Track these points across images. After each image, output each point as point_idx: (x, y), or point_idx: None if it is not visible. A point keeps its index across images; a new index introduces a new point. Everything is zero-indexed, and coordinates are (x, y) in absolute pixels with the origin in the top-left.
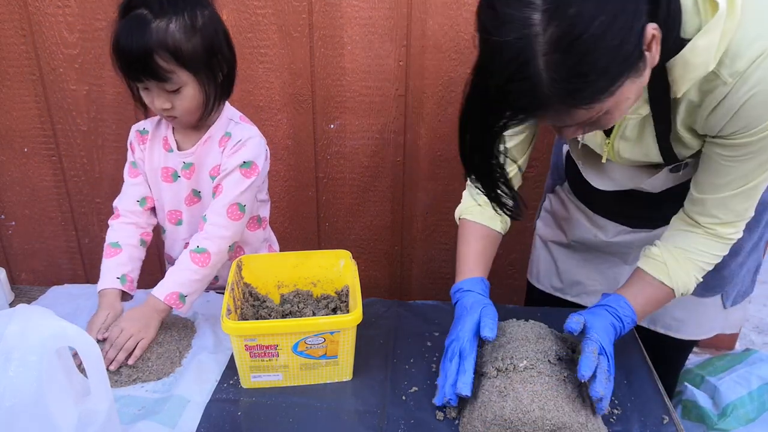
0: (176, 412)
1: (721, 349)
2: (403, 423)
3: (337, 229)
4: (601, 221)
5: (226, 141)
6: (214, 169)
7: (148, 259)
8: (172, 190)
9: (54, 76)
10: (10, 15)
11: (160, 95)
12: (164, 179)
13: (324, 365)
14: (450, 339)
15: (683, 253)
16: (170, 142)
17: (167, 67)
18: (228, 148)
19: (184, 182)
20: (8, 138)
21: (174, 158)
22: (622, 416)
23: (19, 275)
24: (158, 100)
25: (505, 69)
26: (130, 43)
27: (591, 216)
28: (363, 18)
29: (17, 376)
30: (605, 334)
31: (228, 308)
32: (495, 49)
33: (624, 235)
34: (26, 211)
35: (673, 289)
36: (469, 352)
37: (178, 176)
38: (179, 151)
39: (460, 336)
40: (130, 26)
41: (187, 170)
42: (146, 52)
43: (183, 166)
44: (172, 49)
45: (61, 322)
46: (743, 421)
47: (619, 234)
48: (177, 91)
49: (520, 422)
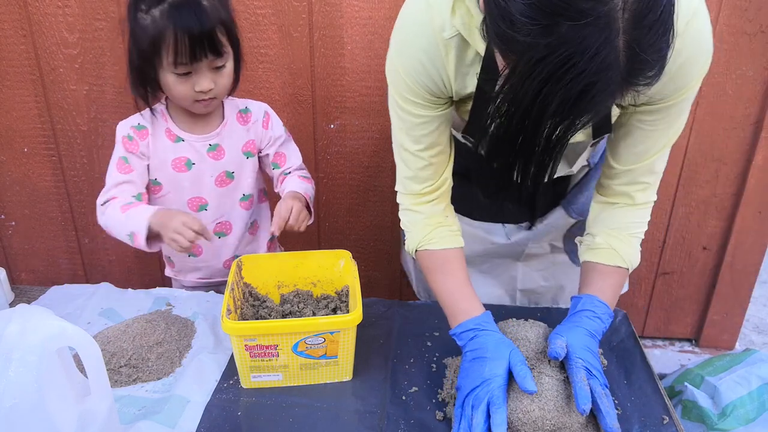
0: (176, 412)
1: (721, 349)
2: (403, 423)
3: (337, 229)
4: (486, 226)
5: (248, 116)
6: (247, 144)
7: (148, 258)
8: (190, 179)
9: (54, 76)
10: (10, 15)
11: (206, 76)
12: (177, 169)
13: (324, 365)
14: (469, 384)
15: (622, 232)
16: (176, 132)
17: (222, 41)
18: (258, 122)
19: (208, 166)
20: (8, 138)
21: (185, 147)
22: (622, 416)
23: (19, 275)
24: (205, 81)
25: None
26: (193, 22)
27: (475, 224)
28: (363, 18)
29: (17, 376)
30: (586, 351)
31: (228, 308)
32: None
33: (516, 234)
34: (26, 211)
35: (627, 268)
36: (502, 402)
37: (192, 164)
38: (197, 136)
39: (489, 381)
40: (186, 8)
41: (214, 151)
42: (211, 27)
43: (208, 148)
44: (225, 22)
45: (61, 322)
46: (743, 421)
47: (513, 234)
48: (220, 68)
49: (520, 422)
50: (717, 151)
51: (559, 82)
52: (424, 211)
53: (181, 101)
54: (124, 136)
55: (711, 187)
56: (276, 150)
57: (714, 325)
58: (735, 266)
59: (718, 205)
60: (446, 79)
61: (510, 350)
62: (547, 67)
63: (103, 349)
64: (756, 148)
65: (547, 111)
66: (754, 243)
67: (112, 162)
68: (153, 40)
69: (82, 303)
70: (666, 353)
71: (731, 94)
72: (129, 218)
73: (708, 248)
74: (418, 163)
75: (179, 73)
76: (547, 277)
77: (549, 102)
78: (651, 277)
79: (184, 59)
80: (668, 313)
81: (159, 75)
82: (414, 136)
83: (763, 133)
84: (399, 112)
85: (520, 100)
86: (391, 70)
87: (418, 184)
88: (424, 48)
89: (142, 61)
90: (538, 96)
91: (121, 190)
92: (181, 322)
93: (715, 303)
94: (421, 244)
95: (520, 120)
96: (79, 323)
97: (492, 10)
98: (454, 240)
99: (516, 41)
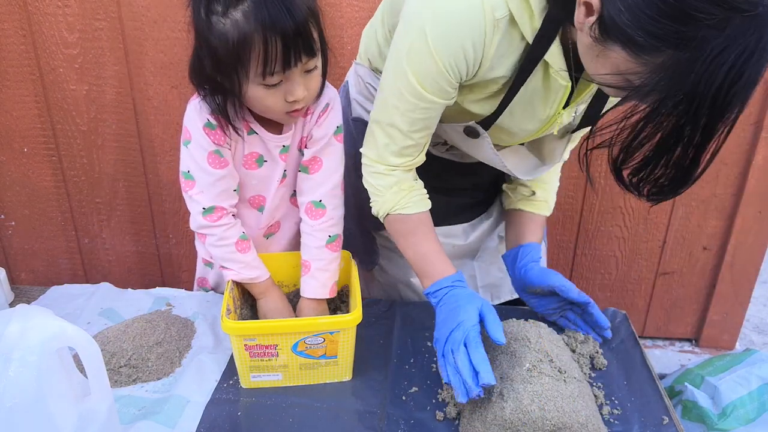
0: (176, 412)
1: (722, 349)
2: (403, 423)
3: None
4: (445, 230)
5: (310, 108)
6: (301, 141)
7: (148, 258)
8: (257, 177)
9: (54, 76)
10: (10, 15)
11: (298, 83)
12: (248, 167)
13: (324, 365)
14: (445, 332)
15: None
16: (250, 122)
17: (315, 37)
18: (315, 113)
19: (277, 166)
20: (8, 138)
21: (257, 141)
22: (622, 416)
23: (19, 275)
24: (298, 90)
25: (764, 47)
26: (284, 19)
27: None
28: (363, 18)
29: (17, 376)
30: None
31: (228, 308)
32: (745, 28)
33: (473, 233)
34: (26, 211)
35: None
36: (478, 341)
37: (264, 161)
38: (271, 135)
39: (463, 322)
40: (272, 2)
41: (286, 153)
42: (303, 20)
43: (282, 150)
44: (315, 15)
45: (61, 322)
46: (743, 421)
47: (467, 234)
48: (311, 71)
49: (520, 422)
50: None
51: (741, 69)
52: (396, 176)
53: (270, 115)
54: (204, 125)
55: (711, 187)
56: (319, 151)
57: (714, 325)
58: (735, 266)
59: (719, 205)
60: (479, 63)
61: (482, 301)
62: (730, 58)
63: (103, 349)
64: (756, 148)
65: (728, 101)
66: (754, 243)
67: (198, 154)
68: (236, 49)
69: (82, 303)
70: (666, 353)
71: None
72: (238, 262)
73: (708, 248)
74: (405, 141)
75: (269, 84)
76: (501, 267)
77: (732, 91)
78: (651, 277)
79: (276, 68)
80: (668, 313)
81: (242, 88)
82: (411, 118)
83: (763, 133)
84: (406, 94)
85: (702, 93)
86: (419, 50)
87: (398, 158)
88: (469, 30)
89: (221, 74)
90: (721, 86)
91: (221, 190)
92: (181, 322)
93: (715, 303)
94: (395, 208)
95: (692, 115)
96: (79, 323)
97: (640, 4)
98: (424, 203)
99: (680, 36)
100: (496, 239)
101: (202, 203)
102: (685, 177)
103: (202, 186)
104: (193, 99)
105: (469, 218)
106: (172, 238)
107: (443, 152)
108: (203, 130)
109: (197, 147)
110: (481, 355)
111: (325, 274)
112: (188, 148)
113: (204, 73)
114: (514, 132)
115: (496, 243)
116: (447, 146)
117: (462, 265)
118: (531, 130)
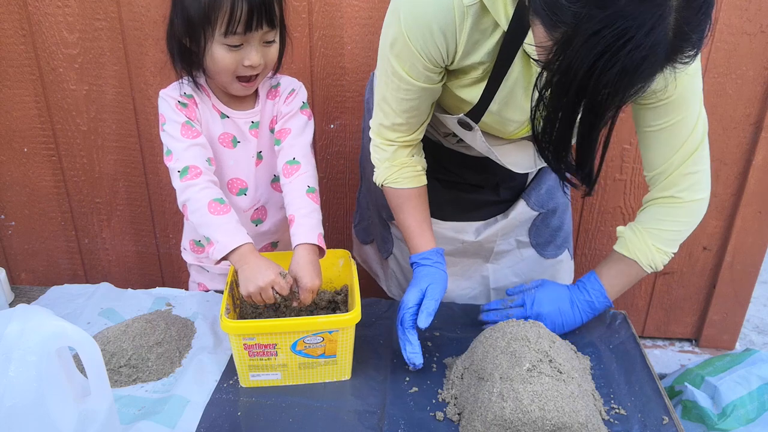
0: (176, 412)
1: (722, 349)
2: (403, 423)
3: (337, 229)
4: (455, 225)
5: (276, 91)
6: (272, 121)
7: (147, 258)
8: (233, 157)
9: (54, 76)
10: (10, 15)
11: (257, 50)
12: (224, 145)
13: (323, 364)
14: (401, 306)
15: (641, 225)
16: (219, 107)
17: (277, 12)
18: (281, 96)
19: (250, 144)
20: (8, 138)
21: (230, 123)
22: (622, 416)
23: (19, 275)
24: (255, 55)
25: (647, 32)
26: None
27: (445, 225)
28: (363, 18)
29: (17, 376)
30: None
31: (227, 308)
32: (628, 11)
33: (485, 231)
34: (26, 211)
35: (634, 260)
36: (410, 325)
37: (237, 141)
38: (240, 112)
39: (404, 306)
40: None
41: (257, 129)
42: None
43: (251, 125)
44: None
45: (61, 322)
46: (743, 421)
47: (479, 232)
48: (270, 43)
49: (520, 422)
50: (717, 151)
51: (615, 55)
52: (391, 151)
53: (222, 76)
54: (177, 102)
55: (711, 187)
56: (287, 120)
57: (714, 325)
58: (735, 266)
59: (719, 205)
60: (452, 49)
61: (429, 284)
62: (604, 40)
63: (103, 349)
64: (756, 148)
65: (600, 83)
66: (754, 243)
67: (172, 129)
68: (206, 7)
69: (82, 303)
70: (666, 353)
71: (731, 94)
72: (213, 227)
73: (708, 248)
74: (396, 119)
75: (230, 45)
76: (518, 272)
77: (604, 74)
78: (651, 277)
79: (239, 28)
80: (668, 313)
81: (205, 48)
82: (397, 98)
83: (763, 133)
84: (391, 75)
85: (575, 71)
86: (395, 34)
87: (392, 133)
88: (437, 16)
89: (190, 30)
90: (593, 68)
91: (194, 155)
92: (180, 322)
93: (715, 303)
94: (387, 181)
95: (573, 92)
96: (78, 323)
97: None
98: (416, 180)
99: (570, 12)
100: (514, 243)
101: (177, 168)
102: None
103: (178, 154)
104: (162, 90)
105: (483, 217)
106: (172, 238)
107: (454, 144)
108: (176, 107)
109: (171, 123)
110: (408, 337)
111: (310, 221)
112: (165, 129)
113: (174, 36)
114: (504, 123)
115: (513, 247)
116: (457, 138)
117: (474, 265)
118: (520, 121)
